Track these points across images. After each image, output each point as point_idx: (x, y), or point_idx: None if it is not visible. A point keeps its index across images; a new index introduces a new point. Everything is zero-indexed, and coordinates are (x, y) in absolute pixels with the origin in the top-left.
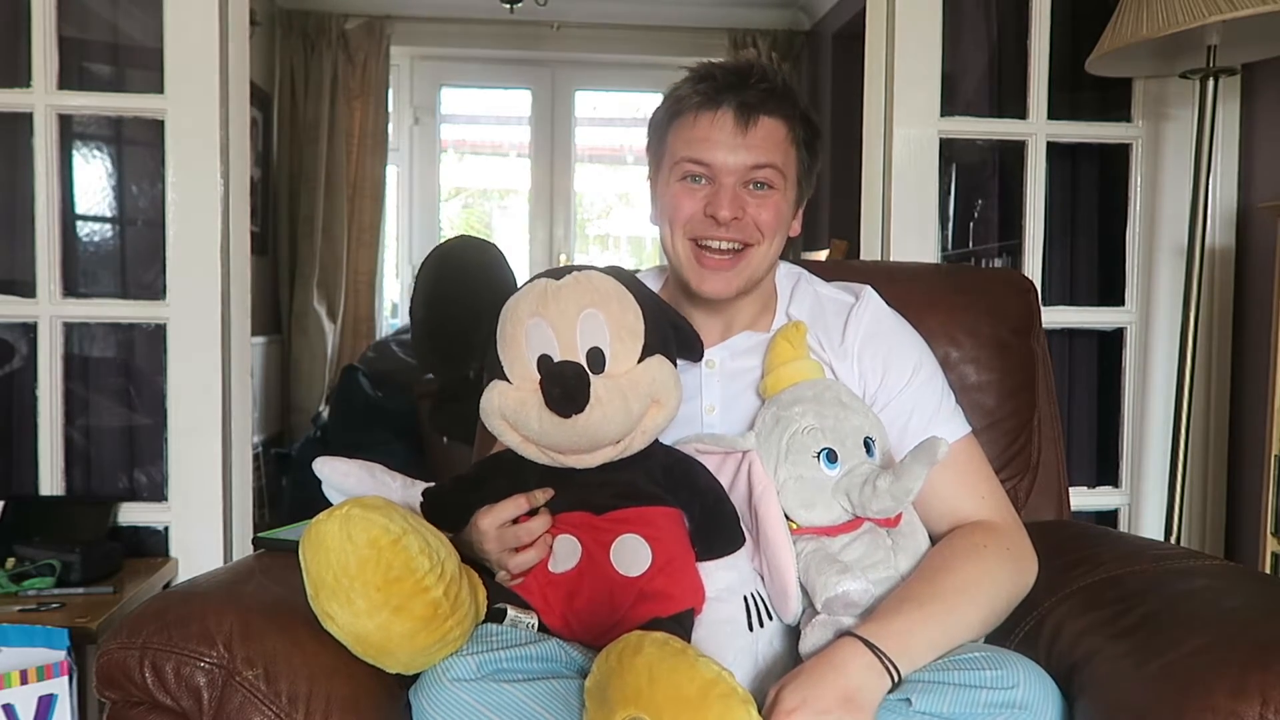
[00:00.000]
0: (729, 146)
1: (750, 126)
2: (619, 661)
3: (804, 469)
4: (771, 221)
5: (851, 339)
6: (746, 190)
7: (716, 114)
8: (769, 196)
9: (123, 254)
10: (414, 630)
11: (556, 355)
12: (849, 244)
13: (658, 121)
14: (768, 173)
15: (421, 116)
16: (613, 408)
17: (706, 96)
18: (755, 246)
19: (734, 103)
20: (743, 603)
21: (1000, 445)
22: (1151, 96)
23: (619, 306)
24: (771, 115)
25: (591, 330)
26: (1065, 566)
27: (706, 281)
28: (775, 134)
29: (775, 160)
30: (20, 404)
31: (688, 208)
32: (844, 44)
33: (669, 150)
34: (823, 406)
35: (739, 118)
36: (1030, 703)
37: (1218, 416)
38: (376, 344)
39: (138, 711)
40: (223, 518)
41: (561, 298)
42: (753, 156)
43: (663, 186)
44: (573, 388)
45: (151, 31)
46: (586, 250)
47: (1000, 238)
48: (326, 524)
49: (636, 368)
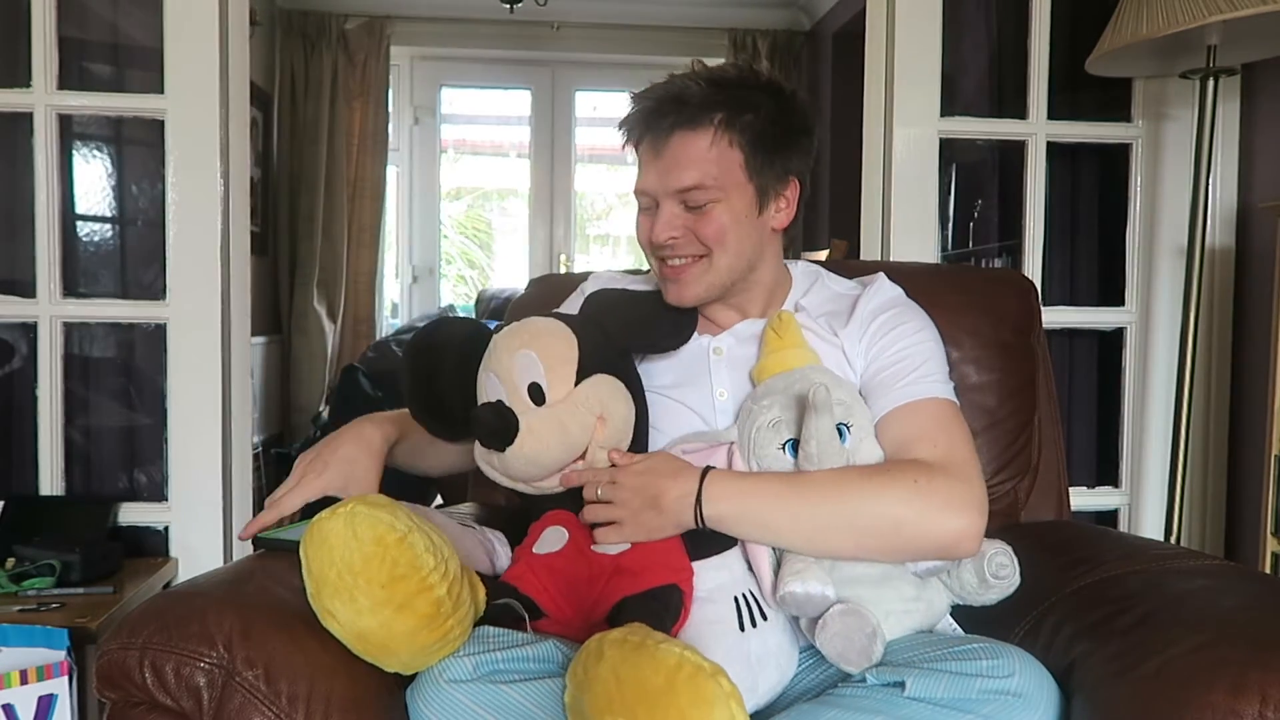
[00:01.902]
0: (656, 172)
1: (663, 154)
2: (585, 673)
3: (770, 461)
4: (715, 233)
5: (862, 310)
6: (684, 208)
7: (641, 145)
8: (709, 211)
9: (123, 254)
10: (416, 628)
11: (505, 397)
12: (849, 244)
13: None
14: (694, 193)
15: (421, 116)
16: (549, 434)
17: (627, 132)
18: (710, 256)
19: (647, 133)
20: (733, 603)
21: (1000, 445)
22: (1151, 96)
23: (549, 339)
24: (684, 129)
25: (527, 368)
26: (1065, 566)
27: (670, 291)
28: (692, 150)
29: (697, 179)
30: (20, 404)
31: (644, 230)
32: (844, 44)
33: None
34: (790, 398)
35: (653, 146)
36: (1026, 692)
37: (1218, 416)
38: (376, 344)
39: (138, 711)
40: (223, 518)
41: (499, 347)
42: (673, 180)
43: None
44: (494, 427)
45: (151, 31)
46: (587, 250)
47: (1000, 238)
48: (331, 521)
49: (574, 391)
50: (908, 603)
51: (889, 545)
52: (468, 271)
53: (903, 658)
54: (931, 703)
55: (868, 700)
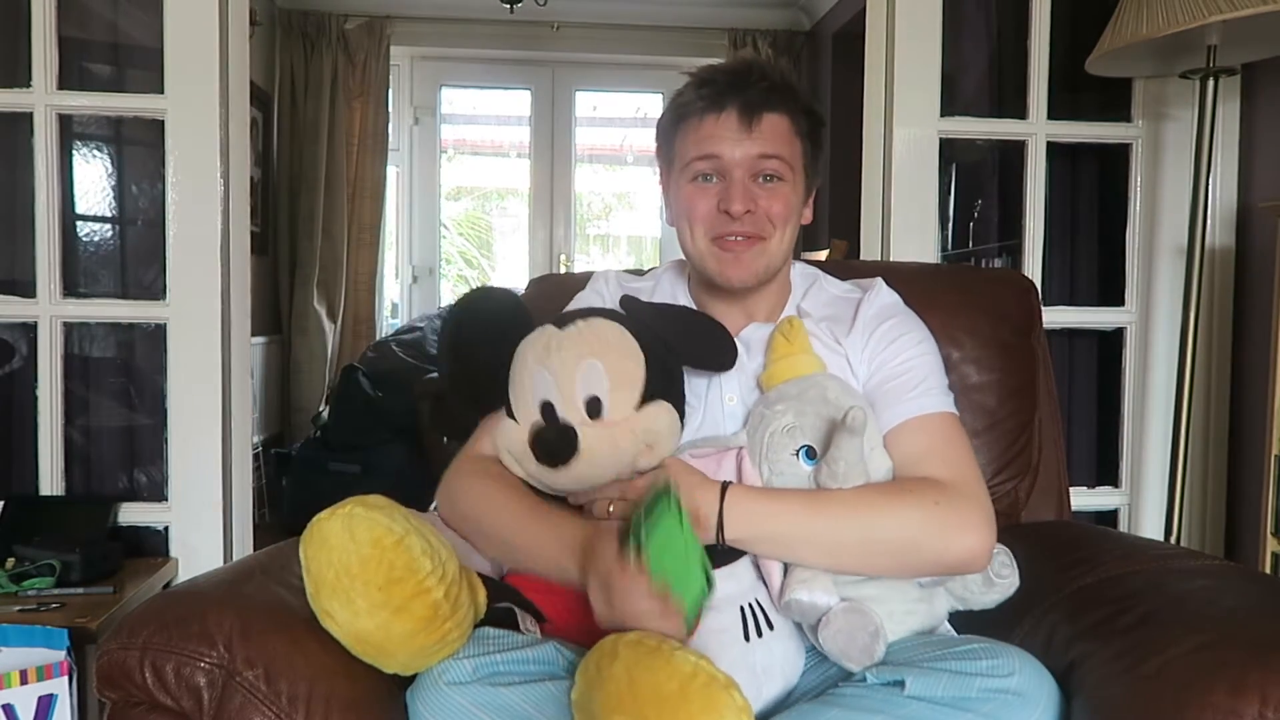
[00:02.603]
0: (735, 140)
1: (755, 123)
2: (598, 671)
3: (784, 466)
4: (783, 212)
5: (862, 317)
6: (756, 184)
7: (721, 115)
8: (778, 189)
9: (123, 254)
10: (414, 631)
11: (558, 403)
12: (849, 244)
13: (664, 127)
14: (775, 164)
15: (421, 116)
16: (601, 455)
17: (710, 100)
18: (769, 239)
19: (738, 102)
20: (739, 613)
21: (1001, 445)
22: (1151, 96)
23: (618, 355)
24: (774, 110)
25: (591, 380)
26: (1065, 566)
27: (729, 267)
28: (779, 128)
29: (782, 152)
30: (20, 404)
31: (702, 207)
32: (844, 44)
33: (678, 154)
34: (804, 404)
35: (743, 115)
36: (1026, 690)
37: (1218, 416)
38: (376, 344)
39: (138, 711)
40: (223, 518)
41: (563, 349)
42: (759, 147)
43: (675, 190)
44: (556, 449)
45: (151, 31)
46: (587, 250)
47: (1000, 238)
48: (329, 522)
49: (634, 415)
50: (911, 604)
51: (906, 564)
52: (468, 271)
53: (903, 657)
54: (932, 701)
55: (868, 699)
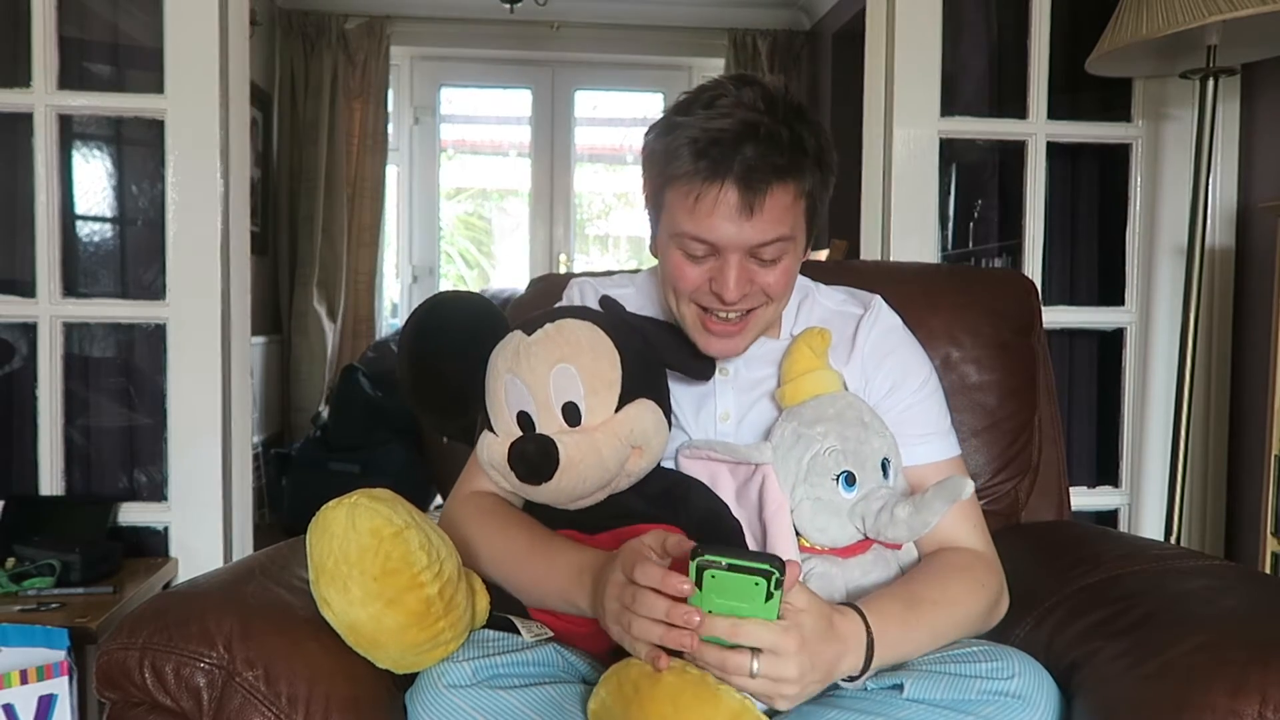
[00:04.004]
0: (735, 226)
1: (758, 205)
2: (635, 690)
3: (822, 491)
4: (780, 284)
5: (860, 347)
6: (754, 261)
7: (721, 191)
8: (778, 263)
9: (123, 254)
10: (405, 625)
11: (533, 412)
12: (849, 244)
13: (654, 162)
14: (776, 247)
15: (421, 116)
16: (585, 465)
17: (708, 173)
18: (763, 307)
19: (739, 180)
20: None
21: (1001, 445)
22: (1151, 96)
23: (591, 357)
24: (781, 181)
25: (565, 385)
26: (1065, 566)
27: (712, 346)
28: (783, 202)
29: (784, 231)
30: (20, 404)
31: (692, 279)
32: (844, 44)
33: (667, 210)
34: (845, 427)
35: (744, 195)
36: (1026, 693)
37: (1218, 416)
38: (376, 344)
39: (138, 712)
40: (223, 518)
41: (532, 355)
42: (760, 235)
43: (663, 244)
44: (536, 465)
45: (151, 31)
46: (586, 250)
47: (1000, 238)
48: (335, 510)
49: (614, 417)
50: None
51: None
52: (467, 271)
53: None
54: (931, 704)
55: (867, 702)
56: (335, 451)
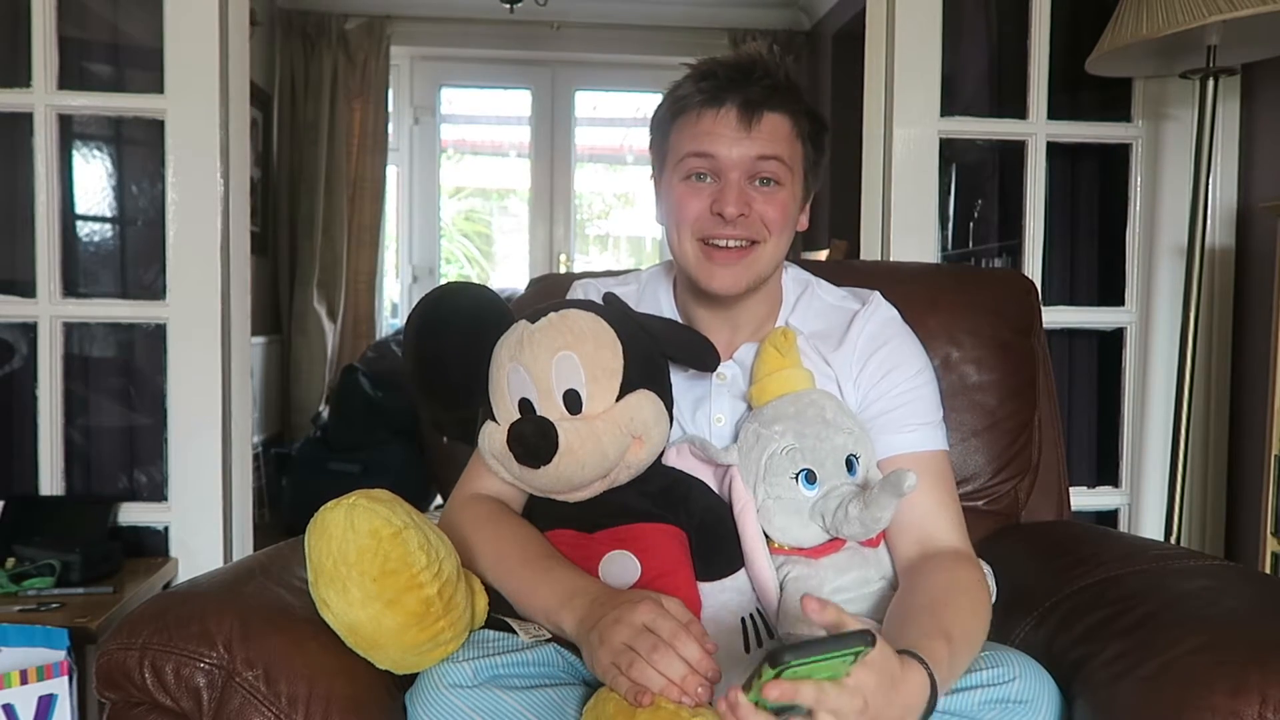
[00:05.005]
0: (733, 139)
1: (755, 122)
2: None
3: (782, 490)
4: (779, 218)
5: (855, 338)
6: (753, 186)
7: (720, 111)
8: (775, 193)
9: (123, 254)
10: (404, 625)
11: (535, 399)
12: (849, 244)
13: (660, 119)
14: (773, 166)
15: (421, 116)
16: (585, 452)
17: (709, 94)
18: (762, 244)
19: (738, 99)
20: (740, 624)
21: (1000, 445)
22: (1151, 96)
23: (594, 346)
24: (776, 110)
25: (566, 373)
26: (1065, 566)
27: (716, 277)
28: (780, 129)
29: (781, 153)
30: (20, 404)
31: (694, 207)
32: (844, 44)
33: (672, 148)
34: (804, 425)
35: (743, 114)
36: (1028, 697)
37: (1218, 416)
38: (376, 344)
39: (137, 712)
40: (223, 518)
41: (535, 343)
42: (758, 148)
43: (667, 186)
44: (534, 446)
45: (151, 31)
46: (586, 250)
47: (1000, 238)
48: (333, 511)
49: (615, 406)
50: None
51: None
52: (468, 271)
53: None
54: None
55: None
56: (335, 451)
